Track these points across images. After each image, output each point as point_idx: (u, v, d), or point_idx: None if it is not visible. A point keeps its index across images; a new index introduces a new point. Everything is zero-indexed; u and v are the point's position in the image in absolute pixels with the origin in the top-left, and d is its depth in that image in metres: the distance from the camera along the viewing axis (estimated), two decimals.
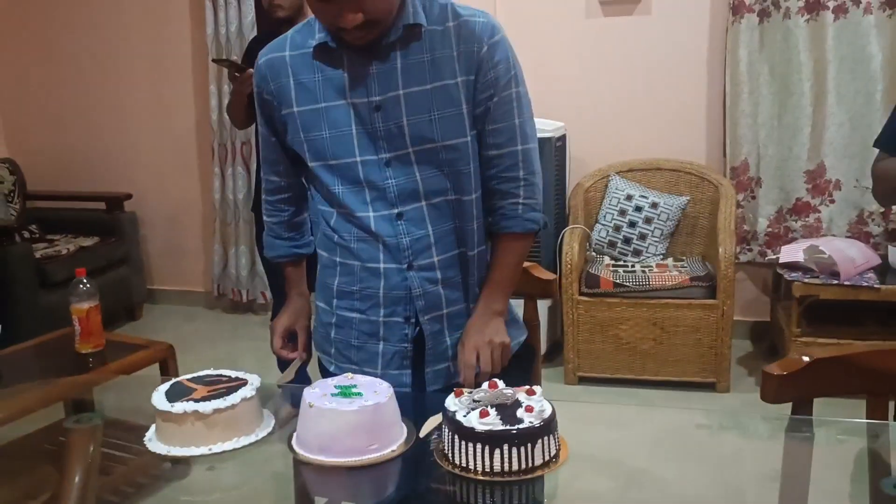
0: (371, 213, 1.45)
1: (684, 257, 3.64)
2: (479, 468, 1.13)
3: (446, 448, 1.17)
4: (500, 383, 1.23)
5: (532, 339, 2.00)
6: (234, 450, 1.24)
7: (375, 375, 1.44)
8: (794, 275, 3.21)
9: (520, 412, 1.16)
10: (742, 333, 3.80)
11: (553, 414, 1.18)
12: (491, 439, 1.13)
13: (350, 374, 1.31)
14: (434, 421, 1.26)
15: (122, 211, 4.53)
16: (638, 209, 3.64)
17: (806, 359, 1.35)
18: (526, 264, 1.96)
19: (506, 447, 1.12)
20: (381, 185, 1.43)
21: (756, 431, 1.51)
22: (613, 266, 3.53)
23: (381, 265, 1.47)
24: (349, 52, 1.41)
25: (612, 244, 3.68)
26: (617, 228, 3.67)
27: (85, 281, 2.56)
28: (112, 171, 4.78)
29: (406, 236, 1.46)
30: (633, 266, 3.53)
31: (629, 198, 3.67)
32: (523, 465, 1.13)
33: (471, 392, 1.21)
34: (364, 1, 1.28)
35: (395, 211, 1.44)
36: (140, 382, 2.19)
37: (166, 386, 1.31)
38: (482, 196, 1.50)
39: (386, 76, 1.40)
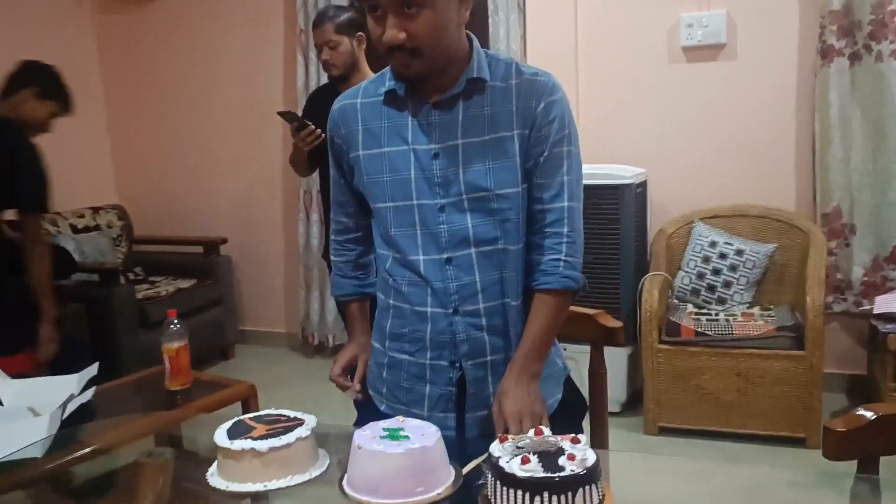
0: (421, 257, 1.50)
1: (772, 306, 3.52)
2: None
3: (490, 493, 1.19)
4: (546, 430, 1.24)
5: (597, 387, 1.99)
6: (288, 487, 1.28)
7: (422, 417, 1.49)
8: (889, 326, 3.06)
9: (562, 460, 1.17)
10: (837, 387, 3.63)
11: (597, 463, 1.18)
12: (531, 486, 1.13)
13: (401, 417, 1.34)
14: (478, 460, 1.28)
15: (217, 255, 4.75)
16: (722, 256, 3.56)
17: (870, 414, 1.31)
18: (592, 311, 1.96)
19: (546, 494, 1.13)
20: (434, 229, 1.49)
21: (850, 491, 1.44)
22: (696, 314, 3.46)
23: (429, 309, 1.51)
24: (414, 101, 1.48)
25: (695, 292, 3.60)
26: (700, 276, 3.59)
27: (176, 322, 2.70)
28: (209, 216, 5.03)
29: (454, 281, 1.50)
30: (716, 314, 3.44)
31: (713, 244, 3.59)
32: None
33: (514, 439, 1.22)
34: (407, 22, 1.36)
35: (445, 256, 1.49)
36: (221, 420, 2.28)
37: (229, 424, 1.37)
38: (524, 249, 1.53)
39: (447, 126, 1.47)
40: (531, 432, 1.23)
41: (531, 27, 3.96)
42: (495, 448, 1.21)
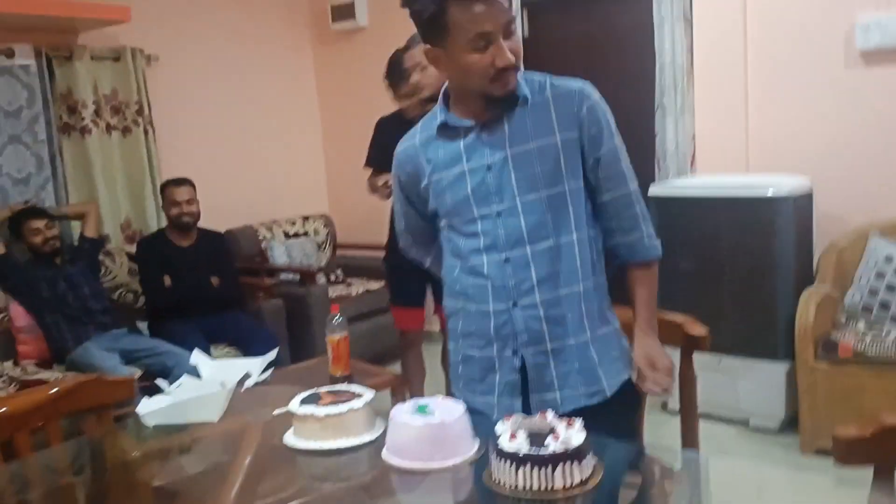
0: (485, 259, 1.68)
1: None
2: (507, 484, 1.31)
3: (490, 464, 1.37)
4: (550, 414, 1.39)
5: (685, 392, 2.06)
6: (339, 449, 1.54)
7: (492, 404, 1.68)
8: None
9: (548, 439, 1.32)
10: None
11: (583, 444, 1.31)
12: (515, 459, 1.30)
13: (440, 396, 1.55)
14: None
15: None
16: None
17: (884, 422, 1.31)
18: (679, 319, 2.02)
19: (528, 466, 1.29)
20: (493, 233, 1.66)
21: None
22: (864, 332, 3.27)
23: (491, 306, 1.69)
24: (464, 128, 1.68)
25: (867, 309, 3.40)
26: (873, 292, 3.38)
27: (338, 316, 3.08)
28: None
29: (512, 278, 1.66)
30: (887, 333, 3.23)
31: (889, 259, 3.37)
32: (543, 486, 1.28)
33: (517, 419, 1.39)
34: (510, 45, 1.55)
35: (504, 256, 1.66)
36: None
37: (307, 393, 1.66)
38: (600, 238, 1.72)
39: (495, 141, 1.65)
40: (537, 416, 1.39)
41: (698, 38, 3.94)
42: (499, 426, 1.39)
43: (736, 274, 3.47)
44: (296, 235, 5.27)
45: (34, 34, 4.20)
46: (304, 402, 1.62)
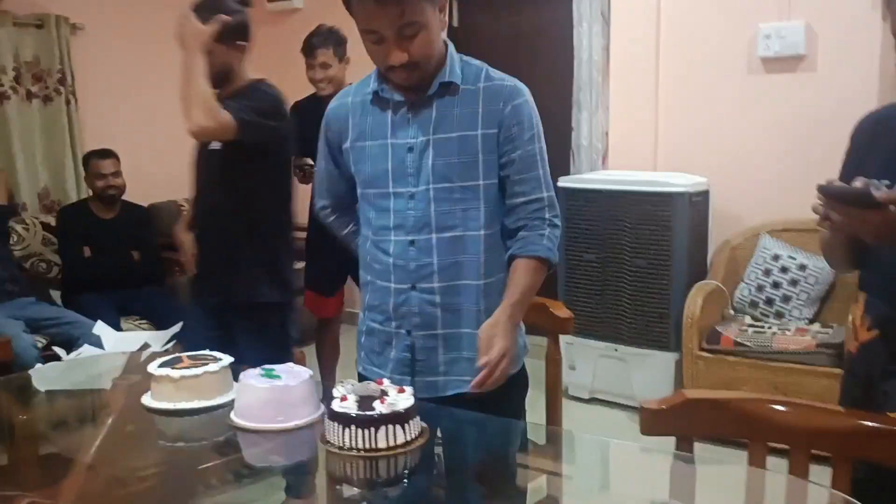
0: (392, 238, 1.70)
1: (834, 325, 3.43)
2: (336, 442, 1.40)
3: (324, 424, 1.46)
4: (386, 381, 1.49)
5: (551, 373, 2.14)
6: (192, 409, 1.62)
7: (383, 377, 1.69)
8: None
9: (376, 403, 1.41)
10: None
11: (410, 409, 1.41)
12: (343, 419, 1.39)
13: (291, 364, 1.63)
14: None
15: None
16: (784, 270, 3.52)
17: (686, 396, 1.43)
18: (546, 302, 2.13)
19: (353, 427, 1.38)
20: (403, 214, 1.69)
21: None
22: (748, 326, 3.44)
23: (392, 284, 1.72)
24: (394, 101, 1.69)
25: (753, 304, 3.58)
26: (760, 288, 3.56)
27: None
28: None
29: (414, 261, 1.69)
30: (769, 328, 3.41)
31: (776, 258, 3.55)
32: (367, 445, 1.38)
33: (352, 384, 1.48)
34: (410, 45, 1.57)
35: (410, 238, 1.69)
36: None
37: (168, 357, 1.73)
38: (503, 236, 1.72)
39: (421, 123, 1.67)
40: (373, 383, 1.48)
41: (615, 37, 4.07)
42: (335, 390, 1.48)
43: (635, 266, 3.62)
44: None
45: None
46: (162, 364, 1.68)
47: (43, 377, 2.14)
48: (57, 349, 2.42)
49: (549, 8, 4.44)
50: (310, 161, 3.22)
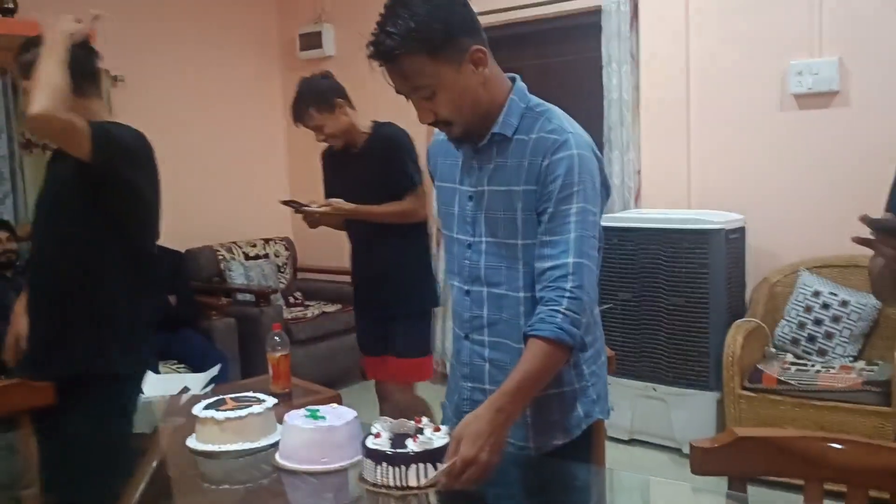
0: (455, 283, 1.70)
1: (880, 361, 3.35)
2: (370, 480, 1.40)
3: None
4: (424, 420, 1.48)
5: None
6: (237, 451, 1.62)
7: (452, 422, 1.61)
8: None
9: (408, 440, 1.40)
10: None
11: (441, 449, 1.39)
12: (375, 456, 1.39)
13: (335, 404, 1.63)
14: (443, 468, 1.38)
15: None
16: (825, 306, 3.46)
17: (735, 435, 1.40)
18: None
19: (384, 464, 1.38)
20: (461, 262, 1.67)
21: None
22: (790, 364, 3.38)
23: (456, 329, 1.72)
24: (465, 147, 1.64)
25: (795, 342, 3.52)
26: (801, 325, 3.50)
27: (280, 334, 3.15)
28: None
29: (468, 311, 1.66)
30: (812, 365, 3.35)
31: (817, 294, 3.50)
32: (398, 482, 1.37)
33: (389, 422, 1.47)
34: (432, 105, 1.52)
35: (466, 288, 1.66)
36: None
37: (212, 399, 1.74)
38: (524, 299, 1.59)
39: (481, 172, 1.62)
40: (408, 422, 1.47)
41: (644, 77, 4.10)
42: (375, 424, 1.47)
43: (672, 305, 3.58)
44: (256, 257, 5.34)
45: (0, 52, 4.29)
46: (207, 407, 1.69)
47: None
48: None
49: (577, 48, 4.48)
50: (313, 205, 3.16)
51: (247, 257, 5.29)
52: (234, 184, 5.62)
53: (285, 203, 3.33)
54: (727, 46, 3.86)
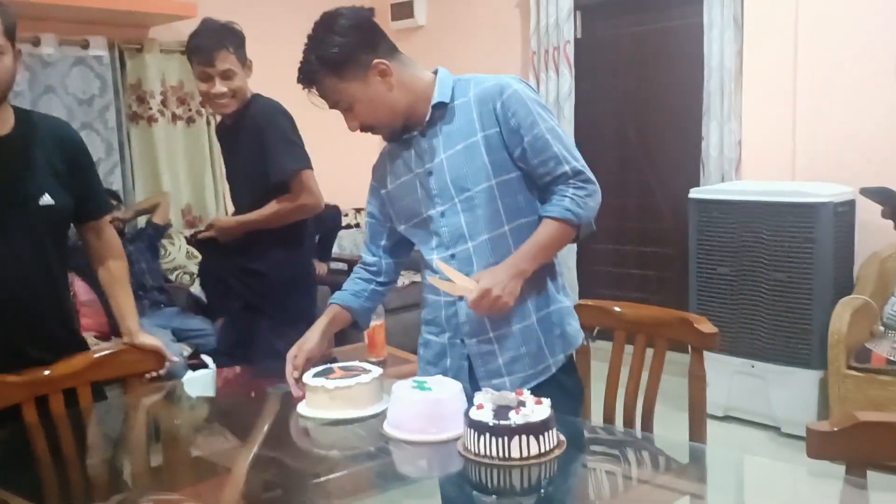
0: (435, 256, 1.81)
1: None
2: (472, 450, 1.42)
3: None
4: (526, 391, 1.48)
5: (695, 391, 2.07)
6: (346, 419, 1.66)
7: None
8: None
9: (511, 412, 1.41)
10: None
11: (546, 420, 1.40)
12: (479, 427, 1.41)
13: (439, 376, 1.65)
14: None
15: None
16: None
17: (857, 419, 1.35)
18: (690, 317, 2.05)
19: (487, 435, 1.39)
20: (439, 232, 1.80)
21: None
22: None
23: (441, 298, 1.83)
24: (408, 137, 1.81)
25: None
26: None
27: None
28: None
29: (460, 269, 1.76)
30: None
31: None
32: (501, 454, 1.38)
33: (492, 392, 1.48)
34: (350, 114, 1.76)
35: (450, 252, 1.79)
36: None
37: (321, 368, 1.78)
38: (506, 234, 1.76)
39: (433, 147, 1.78)
40: (512, 395, 1.48)
41: (748, 42, 3.94)
42: (478, 395, 1.49)
43: (774, 280, 3.47)
44: (348, 227, 5.42)
45: (108, 28, 4.46)
46: (316, 375, 1.74)
47: (194, 385, 2.24)
48: (205, 357, 2.53)
49: (676, 14, 4.34)
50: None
51: (347, 227, 5.37)
52: (330, 153, 5.70)
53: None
54: (838, 7, 3.66)
